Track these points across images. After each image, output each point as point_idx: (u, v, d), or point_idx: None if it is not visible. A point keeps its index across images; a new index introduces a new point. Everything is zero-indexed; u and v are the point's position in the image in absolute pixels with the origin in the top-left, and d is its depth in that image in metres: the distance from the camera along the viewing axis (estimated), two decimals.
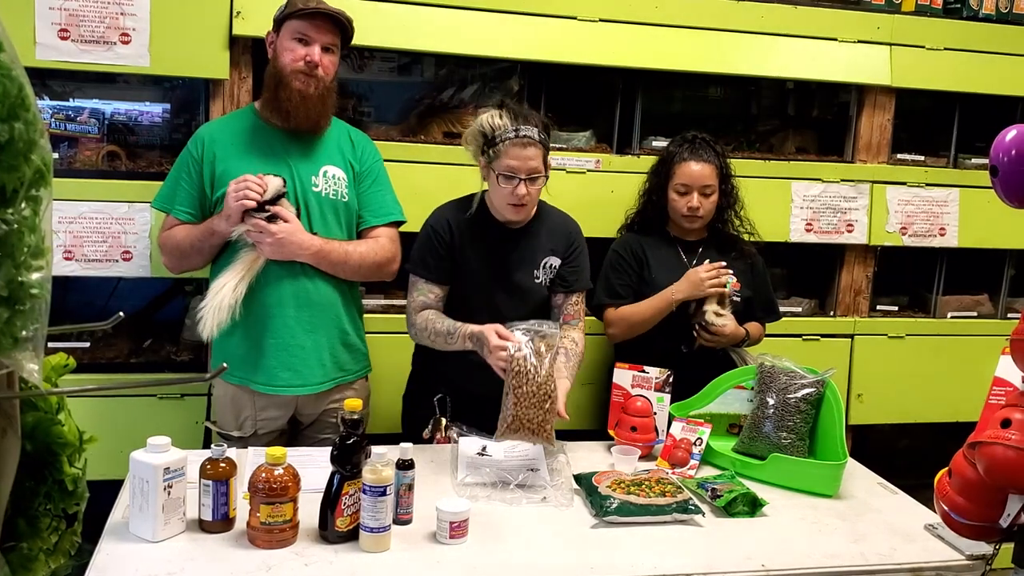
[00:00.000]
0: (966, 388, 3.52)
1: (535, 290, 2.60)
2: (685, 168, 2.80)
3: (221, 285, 2.44)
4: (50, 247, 0.92)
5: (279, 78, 2.50)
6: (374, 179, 2.69)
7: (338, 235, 2.59)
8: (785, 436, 2.46)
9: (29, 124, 0.87)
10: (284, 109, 2.51)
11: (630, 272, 2.87)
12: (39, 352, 0.91)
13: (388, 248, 2.64)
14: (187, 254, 2.55)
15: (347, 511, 1.90)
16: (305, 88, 2.49)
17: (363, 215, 2.66)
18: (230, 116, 2.71)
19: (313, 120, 2.54)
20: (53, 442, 1.13)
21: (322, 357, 2.59)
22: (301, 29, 2.49)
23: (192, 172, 2.56)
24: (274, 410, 2.59)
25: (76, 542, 1.20)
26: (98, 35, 2.71)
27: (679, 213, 2.83)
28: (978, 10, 3.48)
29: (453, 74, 3.36)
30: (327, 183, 2.57)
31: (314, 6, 2.48)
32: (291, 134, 2.55)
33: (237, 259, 2.48)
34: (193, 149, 2.57)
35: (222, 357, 2.57)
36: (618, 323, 2.83)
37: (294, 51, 2.49)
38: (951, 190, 3.55)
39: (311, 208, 2.55)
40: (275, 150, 2.56)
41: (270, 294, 2.51)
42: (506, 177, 2.43)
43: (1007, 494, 1.66)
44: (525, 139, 2.41)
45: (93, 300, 3.11)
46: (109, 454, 1.85)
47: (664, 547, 1.99)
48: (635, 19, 3.17)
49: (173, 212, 2.57)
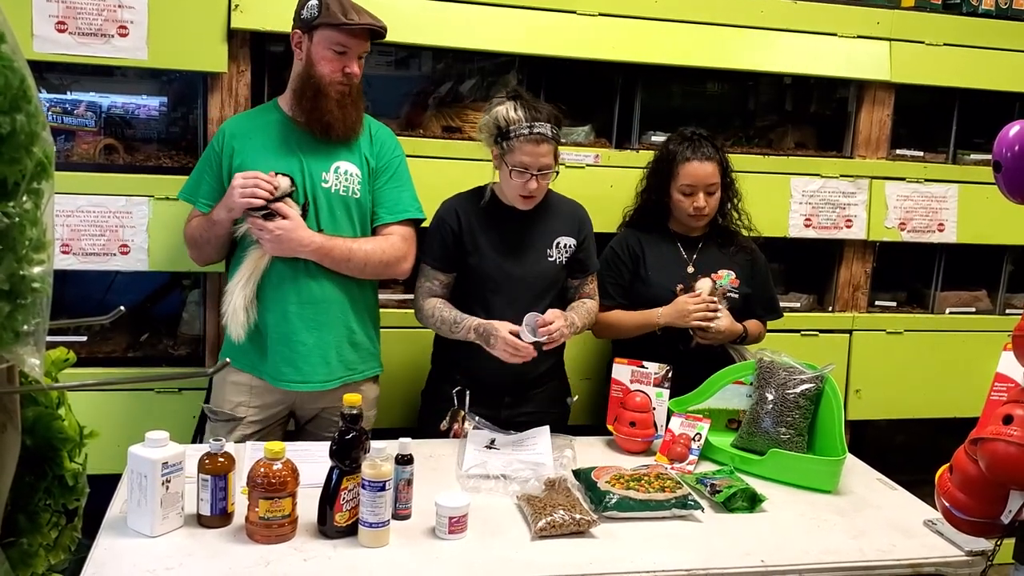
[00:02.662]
0: (964, 384, 3.52)
1: (549, 268, 2.65)
2: (689, 168, 2.77)
3: (232, 288, 2.48)
4: (51, 240, 0.91)
5: (317, 88, 2.49)
6: (392, 175, 2.66)
7: (348, 232, 2.57)
8: (784, 432, 2.45)
9: (31, 116, 0.86)
10: (326, 121, 2.50)
11: (623, 271, 2.87)
12: (40, 346, 0.91)
13: (398, 246, 2.61)
14: (199, 244, 2.58)
15: (346, 506, 1.89)
16: (342, 99, 2.50)
17: (377, 212, 2.64)
18: (254, 110, 2.71)
19: (352, 128, 2.55)
20: (53, 437, 1.13)
21: (327, 355, 2.57)
22: (341, 41, 2.47)
23: (213, 165, 2.57)
24: (270, 397, 2.58)
25: (76, 538, 1.20)
26: (96, 28, 2.70)
27: (684, 213, 2.81)
28: (978, 6, 3.48)
29: (451, 68, 3.35)
30: (338, 179, 2.56)
31: (359, 21, 2.46)
32: (311, 131, 2.54)
33: (245, 258, 2.50)
34: (215, 142, 2.59)
35: (231, 350, 2.57)
36: (601, 325, 2.83)
37: (332, 62, 2.48)
38: (950, 186, 3.54)
39: (319, 204, 2.54)
40: (290, 146, 2.55)
41: (274, 290, 2.52)
42: (518, 172, 2.51)
43: (1008, 490, 1.66)
44: (538, 136, 2.48)
45: (90, 294, 3.10)
46: (107, 449, 1.84)
47: (663, 542, 1.99)
48: (634, 13, 3.16)
49: (197, 204, 2.59)
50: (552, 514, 1.98)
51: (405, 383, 3.05)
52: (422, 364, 2.90)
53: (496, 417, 2.58)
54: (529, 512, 2.03)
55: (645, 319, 2.79)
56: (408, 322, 3.03)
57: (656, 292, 2.80)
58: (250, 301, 2.48)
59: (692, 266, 2.84)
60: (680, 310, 2.73)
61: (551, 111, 2.56)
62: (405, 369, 3.06)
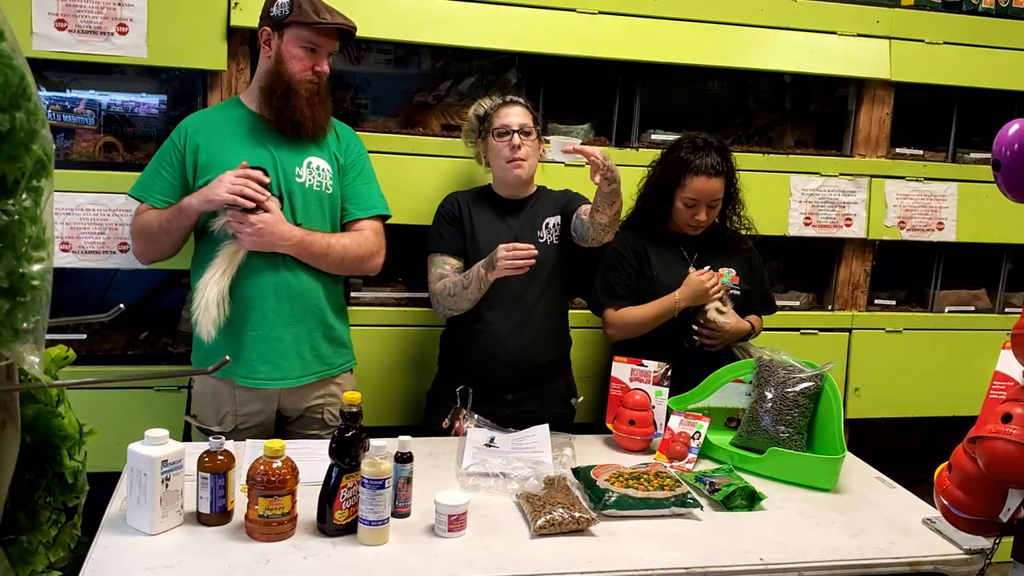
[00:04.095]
0: (963, 382, 3.53)
1: (542, 250, 2.66)
2: (697, 183, 2.73)
3: (205, 283, 2.43)
4: (51, 238, 0.91)
5: (288, 86, 2.49)
6: (359, 172, 2.67)
7: (322, 227, 2.57)
8: (783, 430, 2.46)
9: (31, 114, 0.86)
10: (296, 120, 2.50)
11: (629, 270, 2.85)
12: (40, 344, 0.90)
13: (372, 241, 2.63)
14: (155, 236, 2.52)
15: (345, 504, 1.89)
16: (311, 97, 2.51)
17: (347, 208, 2.65)
18: (215, 107, 2.71)
19: (321, 127, 2.56)
20: (53, 435, 1.13)
21: (302, 350, 2.56)
22: (312, 40, 2.48)
23: (174, 161, 2.54)
24: (255, 404, 2.57)
25: (76, 535, 1.20)
26: (95, 25, 2.70)
27: (684, 222, 2.80)
28: (978, 4, 3.48)
29: (451, 66, 3.35)
30: (311, 174, 2.56)
31: (329, 20, 2.47)
32: (281, 130, 2.54)
33: (218, 253, 2.47)
34: (176, 139, 2.56)
35: (203, 350, 2.55)
36: (618, 324, 2.82)
37: (303, 60, 2.49)
38: (949, 184, 3.54)
39: (295, 199, 2.53)
40: (260, 140, 2.54)
41: (251, 286, 2.50)
42: (500, 134, 2.69)
43: (1007, 489, 1.66)
44: (511, 101, 2.75)
45: (90, 292, 3.10)
46: (106, 446, 1.83)
47: (662, 541, 1.99)
48: (634, 11, 3.16)
49: (150, 200, 2.55)
50: (551, 512, 1.98)
51: (411, 383, 3.06)
52: (428, 364, 2.91)
53: (499, 416, 2.59)
54: (528, 510, 2.03)
55: (664, 306, 2.75)
56: (412, 321, 3.05)
57: (662, 292, 2.78)
58: (223, 297, 2.43)
59: (693, 266, 2.84)
60: (696, 288, 2.72)
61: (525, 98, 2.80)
62: (410, 369, 3.07)
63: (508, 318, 2.69)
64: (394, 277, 3.09)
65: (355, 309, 2.92)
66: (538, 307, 2.73)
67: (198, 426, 2.60)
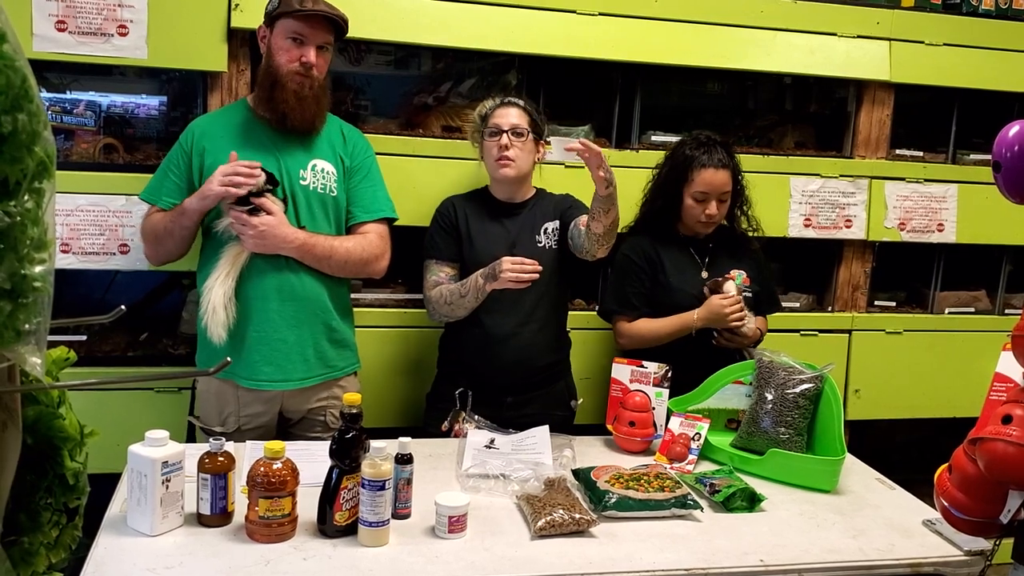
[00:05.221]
0: (963, 384, 3.54)
1: (541, 255, 2.67)
2: (705, 175, 2.73)
3: (209, 287, 2.44)
4: (53, 239, 0.91)
5: (275, 78, 2.49)
6: (365, 174, 2.67)
7: (325, 230, 2.58)
8: (783, 431, 2.46)
9: (32, 115, 0.86)
10: (280, 111, 2.50)
11: (643, 278, 2.82)
12: (41, 345, 0.91)
13: (376, 244, 2.63)
14: (161, 238, 2.53)
15: (346, 505, 1.89)
16: (300, 89, 2.49)
17: (352, 211, 2.65)
18: (222, 110, 2.71)
19: (309, 121, 2.54)
20: (54, 436, 1.13)
21: (305, 352, 2.57)
22: (297, 29, 2.48)
23: (181, 164, 2.55)
24: (258, 405, 2.57)
25: (77, 536, 1.20)
26: (95, 27, 2.70)
27: (695, 219, 2.79)
28: (978, 6, 3.48)
29: (451, 68, 3.35)
30: (315, 177, 2.56)
31: (311, 8, 2.47)
32: (283, 129, 2.54)
33: (221, 255, 2.47)
34: (184, 142, 2.57)
35: (206, 350, 2.56)
36: (631, 336, 2.80)
37: (289, 51, 2.48)
38: (949, 186, 3.55)
39: (299, 202, 2.54)
40: (264, 143, 2.55)
41: (254, 287, 2.50)
42: (491, 134, 2.71)
43: (1007, 490, 1.66)
44: (508, 103, 2.75)
45: (90, 293, 3.10)
46: (106, 448, 1.84)
47: (662, 542, 1.99)
48: (634, 13, 3.16)
49: (158, 202, 2.56)
50: (552, 513, 1.98)
51: (410, 385, 3.06)
52: (428, 366, 2.91)
53: (499, 418, 2.59)
54: (529, 511, 2.03)
55: (681, 323, 2.74)
56: (412, 322, 3.05)
57: (678, 298, 2.77)
58: (229, 299, 2.44)
59: (705, 269, 2.83)
60: (716, 312, 2.69)
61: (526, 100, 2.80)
62: (410, 371, 3.07)
63: (508, 321, 2.69)
64: (394, 279, 3.09)
65: (355, 310, 2.92)
66: (537, 310, 2.72)
67: (201, 427, 2.60)
